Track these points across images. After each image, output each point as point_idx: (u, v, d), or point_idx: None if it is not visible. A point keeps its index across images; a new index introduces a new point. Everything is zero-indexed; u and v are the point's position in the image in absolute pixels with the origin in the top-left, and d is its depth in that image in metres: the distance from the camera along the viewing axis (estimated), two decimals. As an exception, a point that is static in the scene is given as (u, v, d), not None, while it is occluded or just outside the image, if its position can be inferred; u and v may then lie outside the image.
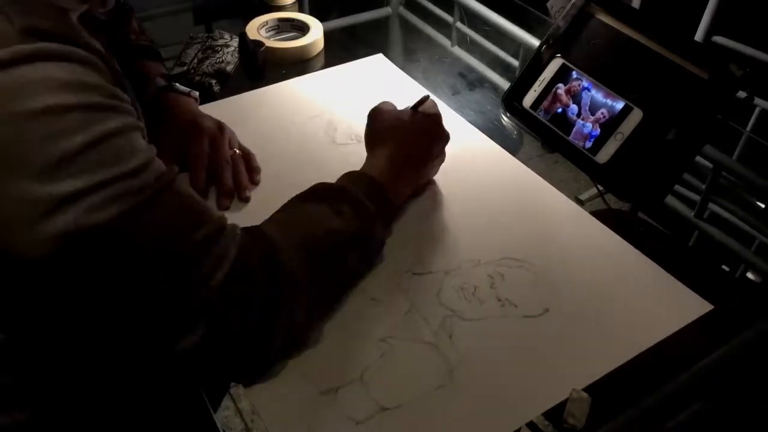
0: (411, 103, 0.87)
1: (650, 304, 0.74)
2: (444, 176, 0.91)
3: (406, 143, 0.82)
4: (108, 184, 0.51)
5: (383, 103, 0.89)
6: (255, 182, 0.89)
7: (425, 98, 0.88)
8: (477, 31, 1.20)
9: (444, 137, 0.87)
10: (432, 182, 0.90)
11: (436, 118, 0.87)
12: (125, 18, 0.93)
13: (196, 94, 0.96)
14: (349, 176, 0.78)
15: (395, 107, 0.88)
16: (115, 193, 0.51)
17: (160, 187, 0.55)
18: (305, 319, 0.66)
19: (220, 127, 0.90)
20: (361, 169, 0.80)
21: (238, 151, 0.90)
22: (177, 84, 0.95)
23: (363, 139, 0.95)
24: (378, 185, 0.76)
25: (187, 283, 0.56)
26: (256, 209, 0.85)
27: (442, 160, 0.89)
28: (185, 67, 1.10)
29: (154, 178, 0.54)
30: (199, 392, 0.66)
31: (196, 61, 1.12)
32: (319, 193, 0.75)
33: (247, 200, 0.86)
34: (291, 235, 0.66)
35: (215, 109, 1.02)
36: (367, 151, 0.85)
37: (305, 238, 0.67)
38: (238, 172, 0.88)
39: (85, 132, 0.50)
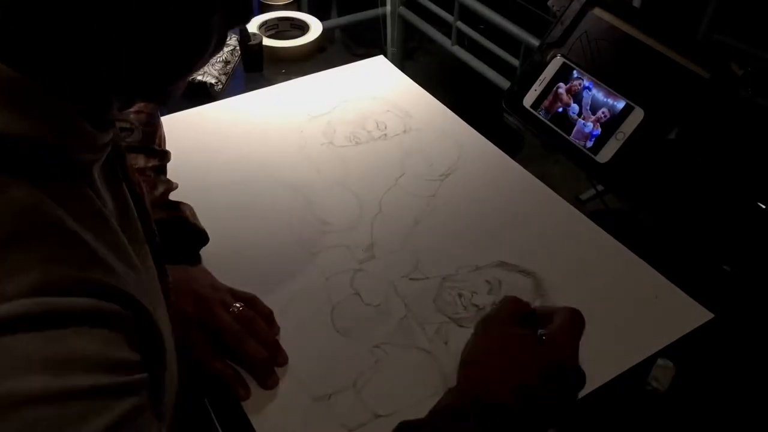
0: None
1: (649, 312, 0.73)
2: (441, 180, 0.90)
3: (511, 390, 0.56)
4: None
5: (505, 306, 0.63)
6: (274, 332, 0.70)
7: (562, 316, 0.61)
8: (477, 30, 1.19)
9: (577, 381, 0.61)
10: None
11: (571, 355, 0.59)
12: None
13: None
14: None
15: (514, 321, 0.61)
16: None
17: None
18: None
19: (199, 297, 0.68)
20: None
21: (239, 305, 0.69)
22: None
23: (361, 141, 0.95)
24: None
25: None
26: (252, 210, 0.84)
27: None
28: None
29: None
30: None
31: (195, 61, 1.12)
32: None
33: (285, 361, 0.67)
34: None
35: (215, 109, 1.02)
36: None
37: None
38: (258, 330, 0.68)
39: None
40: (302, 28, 1.22)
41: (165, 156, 0.80)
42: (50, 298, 0.37)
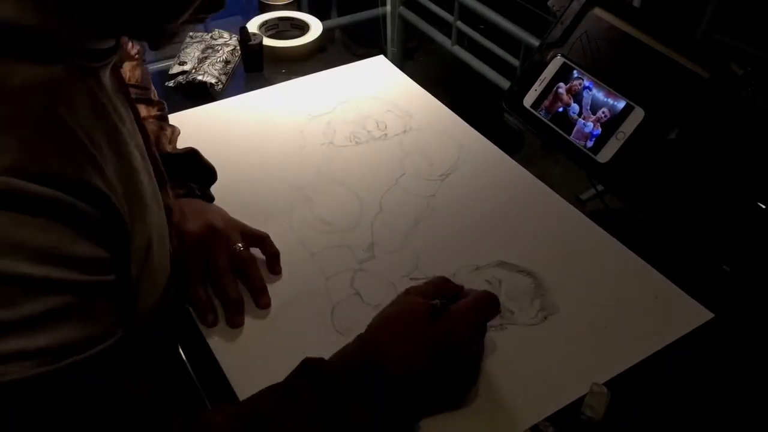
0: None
1: (650, 312, 0.73)
2: (441, 180, 0.90)
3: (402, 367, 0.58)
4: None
5: (428, 282, 0.68)
6: (275, 272, 0.76)
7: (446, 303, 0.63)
8: (477, 30, 1.19)
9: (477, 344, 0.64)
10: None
11: (464, 332, 0.62)
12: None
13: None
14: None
15: (427, 294, 0.64)
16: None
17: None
18: None
19: (211, 226, 0.73)
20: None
21: (241, 245, 0.73)
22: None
23: (361, 141, 0.95)
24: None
25: None
26: (252, 210, 0.84)
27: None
28: (185, 67, 1.10)
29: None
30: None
31: (196, 60, 1.12)
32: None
33: (267, 305, 0.73)
34: None
35: (216, 109, 1.03)
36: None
37: None
38: (249, 273, 0.73)
39: None
40: (302, 28, 1.22)
41: (163, 106, 0.86)
42: (18, 180, 0.38)
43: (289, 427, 0.52)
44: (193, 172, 0.80)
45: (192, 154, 0.80)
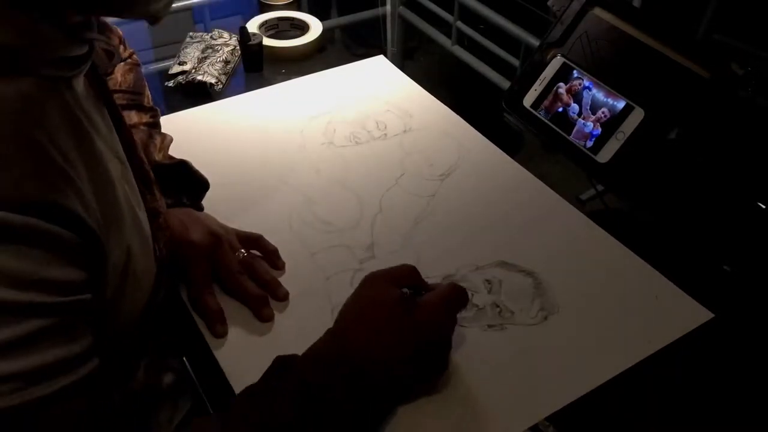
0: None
1: (650, 312, 0.73)
2: (441, 180, 0.90)
3: (370, 348, 0.58)
4: None
5: (396, 269, 0.65)
6: (278, 267, 0.77)
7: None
8: (477, 30, 1.19)
9: (444, 348, 0.63)
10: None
11: (435, 323, 0.61)
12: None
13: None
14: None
15: (397, 283, 0.63)
16: None
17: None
18: None
19: (213, 234, 0.74)
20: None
21: (244, 252, 0.75)
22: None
23: (361, 141, 0.95)
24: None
25: None
26: (252, 210, 0.84)
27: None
28: (185, 67, 1.10)
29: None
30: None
31: (196, 60, 1.12)
32: None
33: (285, 297, 0.73)
34: None
35: (215, 109, 1.03)
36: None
37: None
38: (258, 272, 0.74)
39: None
40: (302, 28, 1.22)
41: (156, 113, 0.84)
42: None
43: (271, 427, 0.52)
44: (185, 183, 0.79)
45: (183, 165, 0.79)
